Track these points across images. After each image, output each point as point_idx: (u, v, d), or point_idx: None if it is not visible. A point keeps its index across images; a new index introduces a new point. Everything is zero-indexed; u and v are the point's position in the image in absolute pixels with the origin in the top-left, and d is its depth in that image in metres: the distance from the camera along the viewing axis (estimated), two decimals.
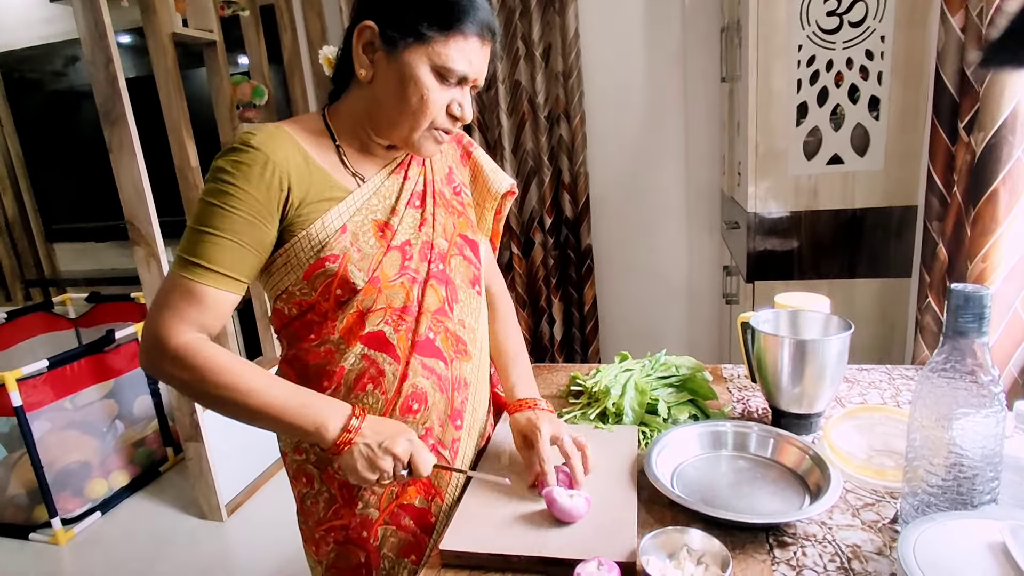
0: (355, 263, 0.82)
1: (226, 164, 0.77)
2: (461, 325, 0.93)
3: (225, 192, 0.76)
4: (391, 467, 0.77)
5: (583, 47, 2.42)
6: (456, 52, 0.78)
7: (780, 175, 1.67)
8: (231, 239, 0.76)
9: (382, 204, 0.87)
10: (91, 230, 3.41)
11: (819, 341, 0.91)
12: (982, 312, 0.63)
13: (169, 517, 2.37)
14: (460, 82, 0.81)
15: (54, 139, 3.36)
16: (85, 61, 1.85)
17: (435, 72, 0.79)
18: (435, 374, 0.88)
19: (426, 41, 0.77)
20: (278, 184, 0.77)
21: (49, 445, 2.26)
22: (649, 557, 0.68)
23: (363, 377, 0.85)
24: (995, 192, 1.06)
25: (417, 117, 0.80)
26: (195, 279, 0.75)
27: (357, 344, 0.84)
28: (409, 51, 0.78)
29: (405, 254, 0.86)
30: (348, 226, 0.82)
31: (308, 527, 0.94)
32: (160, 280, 2.01)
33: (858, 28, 1.54)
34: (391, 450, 0.76)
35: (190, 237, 0.77)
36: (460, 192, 0.98)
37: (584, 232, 2.58)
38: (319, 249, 0.80)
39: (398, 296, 0.85)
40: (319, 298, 0.83)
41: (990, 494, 0.66)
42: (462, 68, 0.79)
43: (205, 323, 0.77)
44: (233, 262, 0.77)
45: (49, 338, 3.00)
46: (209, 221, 0.76)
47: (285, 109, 2.81)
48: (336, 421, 0.76)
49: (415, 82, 0.78)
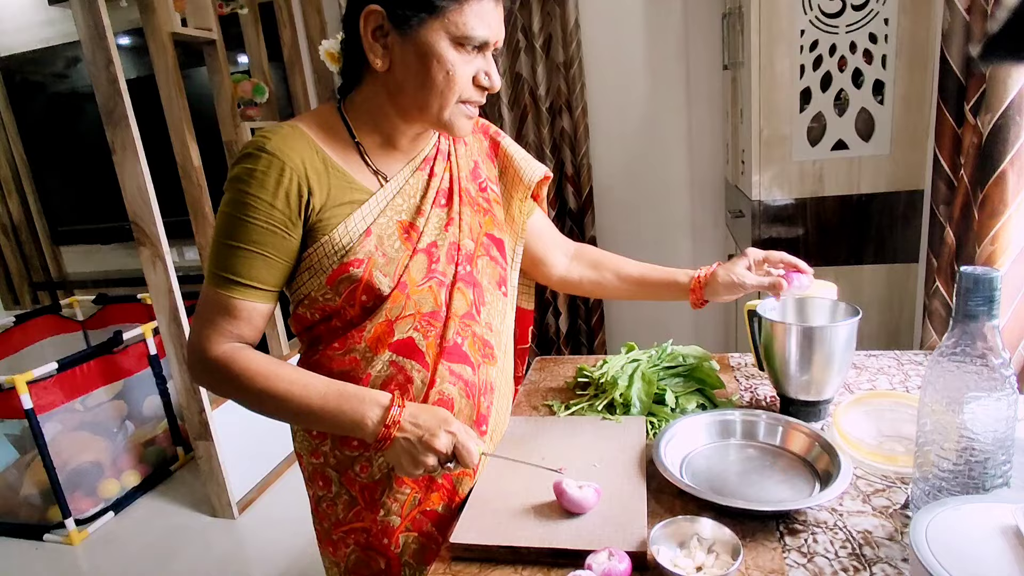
0: (380, 268, 0.79)
1: (243, 173, 0.75)
2: (488, 328, 0.91)
3: (244, 203, 0.75)
4: (434, 462, 0.75)
5: (583, 37, 2.41)
6: (473, 18, 0.74)
7: (784, 162, 1.66)
8: (257, 251, 0.76)
9: (407, 204, 0.84)
10: (96, 232, 3.42)
11: (827, 328, 0.91)
12: (992, 295, 0.62)
13: (181, 515, 2.39)
14: (479, 49, 0.77)
15: (57, 141, 3.37)
16: (86, 63, 1.85)
17: (455, 43, 0.74)
18: (462, 380, 0.86)
19: (440, 12, 0.73)
20: (296, 191, 0.76)
21: (61, 446, 2.28)
22: (660, 547, 0.68)
23: (390, 383, 0.83)
24: (1003, 174, 1.05)
25: (445, 94, 0.76)
26: (227, 293, 0.77)
27: (385, 351, 0.82)
28: (424, 27, 0.73)
29: (432, 257, 0.84)
30: (372, 229, 0.80)
31: (324, 528, 0.93)
32: (165, 280, 2.02)
33: (861, 11, 1.52)
34: (431, 445, 0.74)
35: (217, 250, 0.77)
36: (486, 188, 0.94)
37: (588, 223, 2.57)
38: (343, 254, 0.78)
39: (427, 301, 0.83)
40: (344, 304, 0.81)
41: (1002, 477, 0.66)
42: (483, 33, 0.75)
43: (242, 334, 0.79)
44: (261, 274, 0.77)
45: (58, 340, 3.02)
46: (232, 234, 0.76)
47: (287, 106, 2.81)
48: (374, 414, 0.75)
49: (437, 59, 0.74)
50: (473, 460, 0.76)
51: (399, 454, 0.76)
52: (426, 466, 0.75)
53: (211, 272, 0.78)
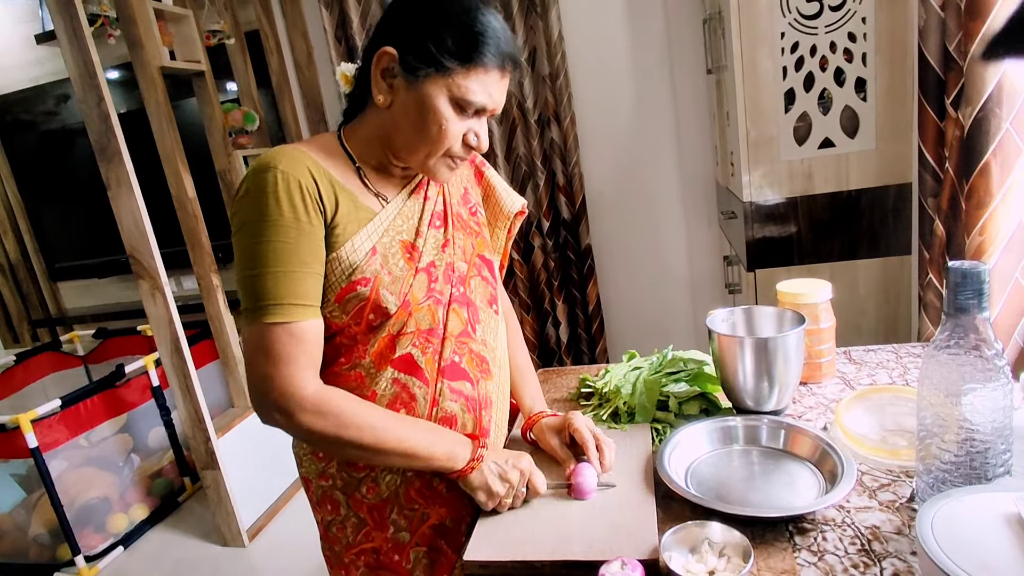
0: (387, 286, 0.81)
1: (261, 197, 0.74)
2: (484, 344, 0.93)
3: (273, 226, 0.74)
4: (518, 478, 0.83)
5: (568, 49, 2.44)
6: (476, 84, 0.77)
7: (773, 162, 1.68)
8: (301, 269, 0.76)
9: (407, 224, 0.86)
10: (94, 266, 3.42)
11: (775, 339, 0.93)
12: (981, 288, 0.64)
13: (191, 546, 2.37)
14: (477, 112, 0.81)
15: (50, 178, 3.39)
16: (77, 101, 1.87)
17: (453, 103, 0.78)
18: (463, 396, 0.88)
19: (447, 73, 0.76)
20: (314, 203, 0.77)
21: (67, 484, 2.27)
22: (671, 553, 0.69)
23: (396, 402, 0.84)
24: (987, 165, 1.06)
25: (434, 145, 0.80)
26: (288, 319, 0.75)
27: (388, 368, 0.83)
28: (429, 81, 0.77)
29: (431, 276, 0.86)
30: (378, 248, 0.82)
31: (335, 552, 0.94)
32: (166, 312, 2.02)
33: (839, 11, 1.55)
34: (517, 465, 0.84)
35: (258, 284, 0.74)
36: (476, 212, 0.98)
37: (583, 232, 2.58)
38: (350, 272, 0.79)
39: (425, 319, 0.85)
40: (350, 321, 0.82)
41: (1003, 466, 0.67)
42: (481, 100, 0.79)
43: (314, 359, 0.79)
44: (312, 290, 0.77)
45: (59, 377, 3.01)
46: (272, 260, 0.74)
47: (277, 132, 2.83)
48: (464, 451, 0.83)
49: (434, 112, 0.77)
50: (543, 487, 0.85)
51: (487, 474, 0.83)
52: (511, 482, 0.83)
53: (258, 307, 0.75)
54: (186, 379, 2.10)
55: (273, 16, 2.65)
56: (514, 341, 1.08)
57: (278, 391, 0.75)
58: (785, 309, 1.02)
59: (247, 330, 0.77)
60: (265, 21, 2.63)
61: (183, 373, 2.10)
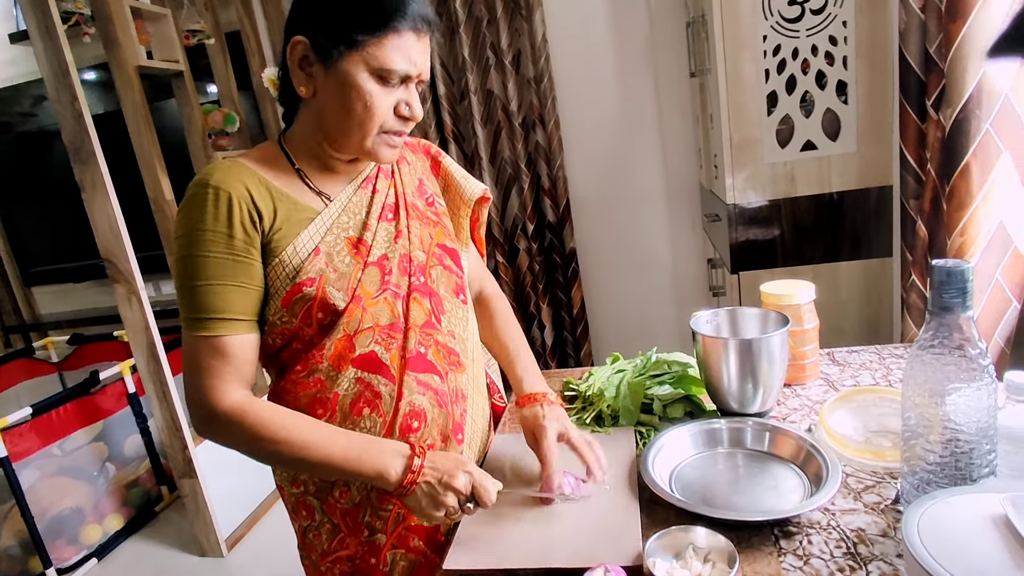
0: (332, 284, 0.80)
1: (194, 211, 0.75)
2: (451, 336, 0.91)
3: (202, 240, 0.75)
4: (455, 502, 0.76)
5: (552, 52, 2.43)
6: (393, 52, 0.76)
7: (756, 165, 1.68)
8: (229, 283, 0.76)
9: (353, 220, 0.85)
10: (69, 271, 3.35)
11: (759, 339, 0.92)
12: (964, 287, 0.63)
13: (168, 557, 2.32)
14: (403, 81, 0.79)
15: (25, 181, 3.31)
16: (51, 101, 1.82)
17: (374, 76, 0.76)
18: (431, 389, 0.86)
19: (359, 46, 0.75)
20: (249, 217, 0.77)
21: (39, 494, 2.20)
22: (655, 559, 0.67)
23: (359, 402, 0.82)
24: (967, 166, 1.07)
25: (365, 125, 0.78)
26: (212, 334, 0.75)
27: (349, 368, 0.82)
28: (344, 59, 0.76)
29: (384, 269, 0.85)
30: (321, 247, 0.81)
31: (312, 561, 0.92)
32: (142, 317, 1.98)
33: (819, 15, 1.56)
34: (451, 485, 0.75)
35: (188, 296, 0.76)
36: (433, 203, 0.97)
37: (567, 235, 2.58)
38: (294, 275, 0.79)
39: (383, 313, 0.83)
40: (301, 325, 0.81)
41: (988, 467, 0.66)
42: (402, 67, 0.77)
43: (240, 373, 0.78)
44: (240, 304, 0.77)
45: (32, 384, 2.93)
46: (200, 273, 0.75)
47: (259, 134, 2.79)
48: (397, 464, 0.76)
49: (356, 90, 0.76)
50: (491, 498, 0.77)
51: (420, 498, 0.76)
52: (447, 507, 0.75)
53: (188, 319, 0.76)
54: (163, 386, 2.06)
55: (254, 16, 2.62)
56: (506, 322, 1.06)
57: (193, 400, 0.77)
58: (769, 310, 1.02)
59: (183, 339, 0.78)
60: (246, 21, 2.60)
61: (160, 380, 2.05)
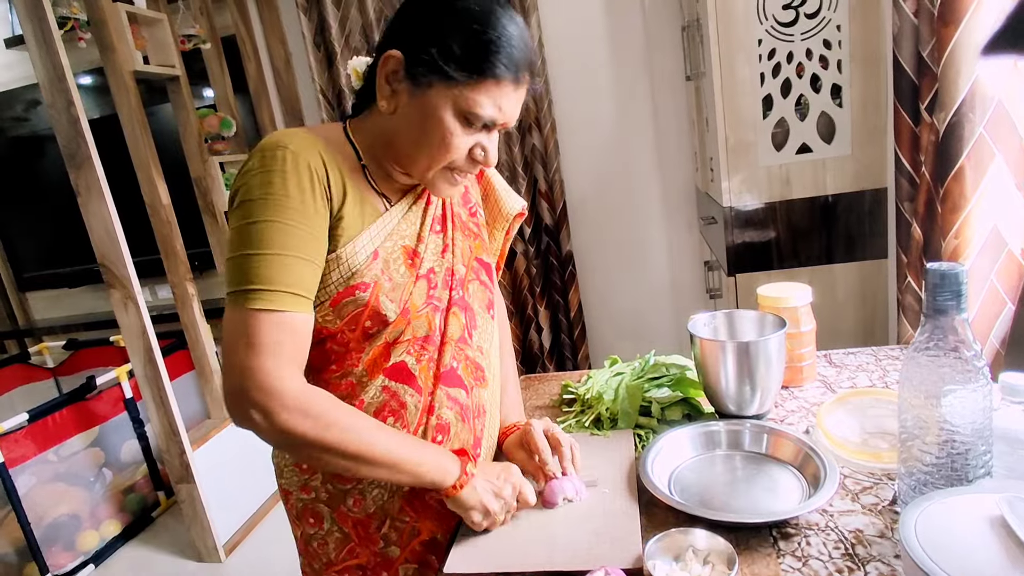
0: (387, 293, 0.76)
1: (269, 175, 0.68)
2: (480, 352, 0.89)
3: (279, 207, 0.67)
4: (511, 493, 0.80)
5: (548, 56, 2.44)
6: (485, 98, 0.71)
7: (752, 168, 1.69)
8: (303, 257, 0.69)
9: (410, 230, 0.81)
10: (64, 276, 3.33)
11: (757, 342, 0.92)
12: (959, 289, 0.64)
13: (165, 563, 2.31)
14: (486, 126, 0.75)
15: (20, 186, 3.30)
16: (46, 105, 1.82)
17: (459, 116, 0.72)
18: (458, 404, 0.85)
19: (452, 84, 0.70)
20: (324, 193, 0.71)
21: (35, 500, 2.19)
22: (655, 561, 0.68)
23: (384, 410, 0.80)
24: (961, 169, 1.08)
25: (435, 158, 0.74)
26: (277, 308, 0.67)
27: (379, 376, 0.79)
28: (434, 90, 0.71)
29: (430, 283, 0.82)
30: (380, 252, 0.76)
31: (314, 570, 0.90)
32: (139, 322, 1.97)
33: (814, 19, 1.57)
34: (509, 479, 0.80)
35: (253, 266, 0.66)
36: (476, 213, 0.94)
37: (564, 238, 2.58)
38: (349, 276, 0.74)
39: (422, 326, 0.81)
40: (344, 328, 0.77)
41: (984, 468, 0.67)
42: (490, 114, 0.73)
43: (302, 356, 0.71)
44: (310, 281, 0.70)
45: (28, 390, 2.92)
46: (273, 241, 0.67)
47: (255, 138, 2.79)
48: (453, 469, 0.78)
49: (437, 123, 0.72)
50: (533, 497, 0.82)
51: (480, 492, 0.78)
52: (505, 499, 0.79)
53: (247, 292, 0.66)
54: (160, 391, 2.05)
55: (250, 21, 2.62)
56: (503, 346, 1.04)
57: (258, 385, 0.66)
58: (766, 313, 1.02)
59: (229, 316, 0.68)
60: (242, 26, 2.60)
61: (157, 384, 2.05)
